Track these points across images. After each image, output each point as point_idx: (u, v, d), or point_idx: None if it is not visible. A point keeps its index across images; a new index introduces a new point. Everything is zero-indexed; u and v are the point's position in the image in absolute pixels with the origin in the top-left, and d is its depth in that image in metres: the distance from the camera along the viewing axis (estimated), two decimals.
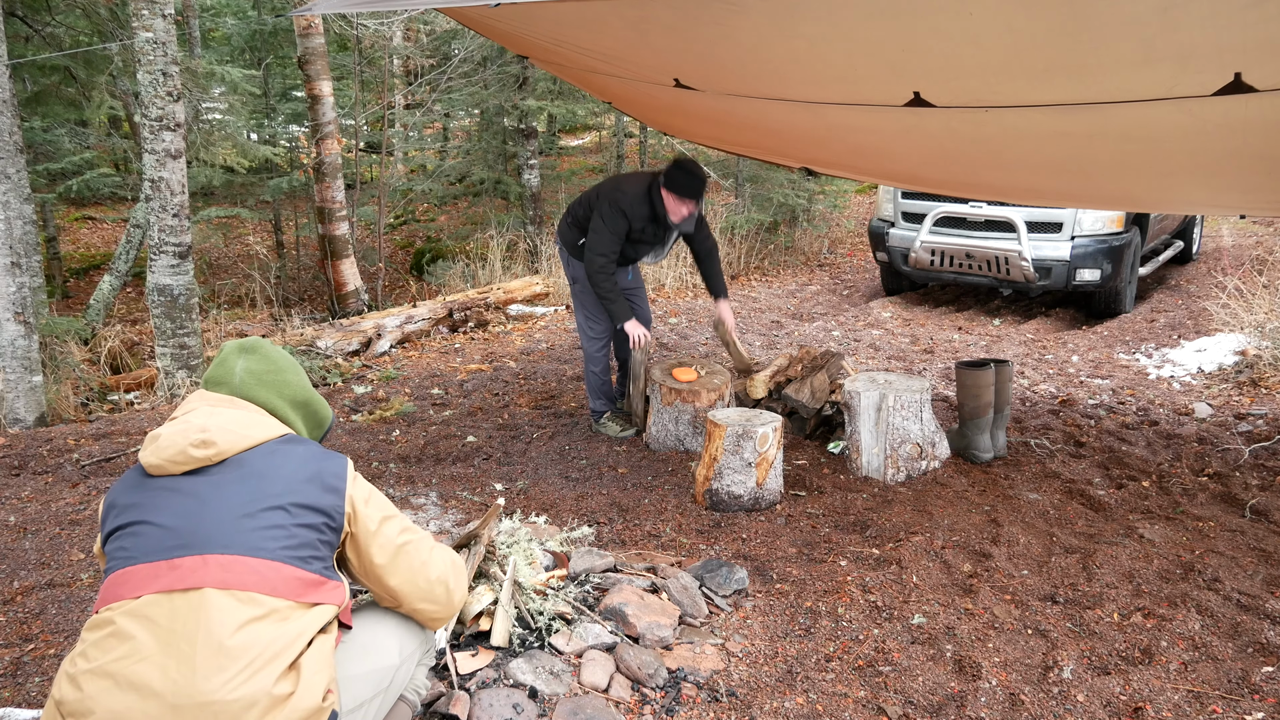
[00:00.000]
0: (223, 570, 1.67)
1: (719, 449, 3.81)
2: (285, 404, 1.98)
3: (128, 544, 1.72)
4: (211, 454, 1.77)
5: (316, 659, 1.70)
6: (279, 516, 1.75)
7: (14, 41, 7.57)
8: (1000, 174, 4.38)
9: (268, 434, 1.86)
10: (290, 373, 2.00)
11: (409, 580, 1.95)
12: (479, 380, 6.03)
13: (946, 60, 3.01)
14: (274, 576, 1.70)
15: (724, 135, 5.15)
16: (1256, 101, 2.77)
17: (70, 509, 3.86)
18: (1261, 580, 3.21)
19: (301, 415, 2.02)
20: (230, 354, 1.97)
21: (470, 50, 10.45)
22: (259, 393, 1.94)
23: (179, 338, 5.78)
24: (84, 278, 10.76)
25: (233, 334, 7.59)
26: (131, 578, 1.68)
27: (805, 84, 3.53)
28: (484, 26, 4.21)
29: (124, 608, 1.65)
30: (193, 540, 1.69)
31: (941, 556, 3.39)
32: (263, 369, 1.96)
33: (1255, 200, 4.07)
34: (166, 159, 5.53)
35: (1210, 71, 2.68)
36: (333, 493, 1.84)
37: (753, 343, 7.03)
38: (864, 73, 3.28)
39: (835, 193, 11.92)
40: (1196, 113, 2.97)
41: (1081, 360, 6.47)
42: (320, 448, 1.92)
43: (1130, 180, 4.06)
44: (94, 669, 1.61)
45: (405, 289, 10.13)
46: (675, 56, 3.63)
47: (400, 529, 1.96)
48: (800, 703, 2.53)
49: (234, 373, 1.94)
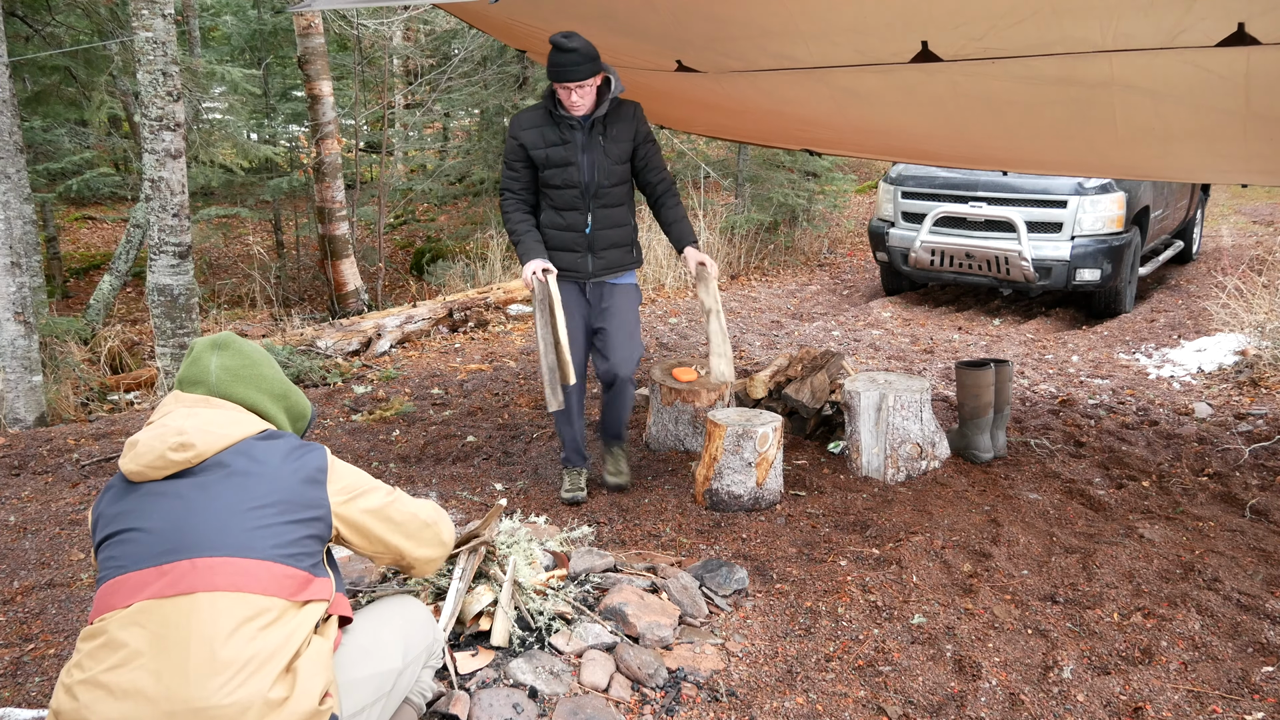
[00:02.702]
0: (212, 573, 1.66)
1: (719, 449, 3.82)
2: (265, 398, 1.96)
3: (117, 553, 1.71)
4: (190, 456, 1.76)
5: (313, 661, 1.70)
6: (267, 515, 1.74)
7: (14, 41, 7.57)
8: (1004, 142, 4.36)
9: (246, 431, 1.85)
10: (266, 366, 1.98)
11: (406, 534, 2.03)
12: (479, 380, 6.03)
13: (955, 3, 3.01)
14: (265, 576, 1.69)
15: (725, 122, 5.14)
16: (1260, 54, 2.77)
17: (70, 509, 3.86)
18: (1261, 580, 3.21)
19: (283, 408, 2.00)
20: (202, 352, 1.94)
21: (470, 50, 10.45)
22: (236, 389, 1.91)
23: (179, 338, 5.78)
24: (84, 278, 10.76)
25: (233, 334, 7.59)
26: (122, 586, 1.67)
27: (814, 38, 3.52)
28: (483, 20, 4.21)
29: (116, 617, 1.65)
30: (181, 544, 1.68)
31: (941, 556, 3.39)
32: (238, 365, 1.93)
33: (1256, 168, 4.07)
34: (166, 159, 5.53)
35: (1214, 19, 2.68)
36: (316, 485, 1.84)
37: (752, 343, 7.03)
38: (873, 21, 3.28)
39: (835, 193, 11.92)
40: (1199, 63, 2.97)
41: (1081, 360, 6.47)
42: (298, 441, 1.90)
43: (1132, 147, 4.05)
44: (88, 679, 1.61)
45: (405, 289, 10.13)
46: (682, 25, 3.62)
47: (384, 492, 2.01)
48: (800, 703, 2.53)
49: (209, 371, 1.90)
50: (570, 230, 3.73)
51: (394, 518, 2.00)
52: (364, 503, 1.94)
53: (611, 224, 3.76)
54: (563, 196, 3.69)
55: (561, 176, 3.64)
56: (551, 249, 3.72)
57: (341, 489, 1.90)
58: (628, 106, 3.70)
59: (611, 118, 3.64)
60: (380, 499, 1.99)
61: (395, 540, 2.01)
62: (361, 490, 1.96)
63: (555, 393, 3.61)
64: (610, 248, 3.78)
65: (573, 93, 3.48)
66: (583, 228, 3.72)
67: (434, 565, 2.14)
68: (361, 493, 1.95)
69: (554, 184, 3.67)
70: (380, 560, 2.05)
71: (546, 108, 3.61)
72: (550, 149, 3.62)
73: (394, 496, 2.04)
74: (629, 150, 3.71)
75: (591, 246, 3.74)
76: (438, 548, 2.12)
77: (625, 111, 3.68)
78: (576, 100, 3.51)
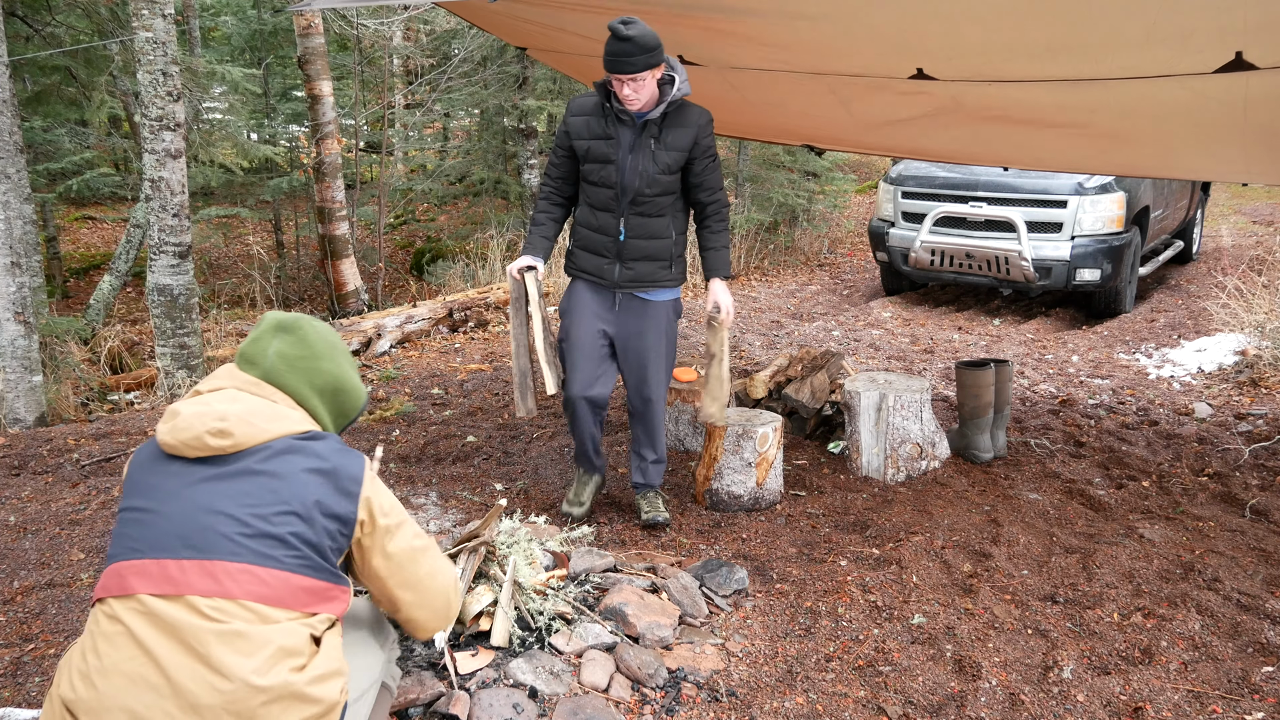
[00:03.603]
0: (230, 579, 1.63)
1: (719, 449, 3.81)
2: (313, 393, 1.88)
3: (134, 532, 1.69)
4: (227, 444, 1.72)
5: (329, 653, 1.70)
6: (291, 522, 1.70)
7: (14, 41, 7.57)
8: (1005, 142, 4.38)
9: (288, 429, 1.79)
10: (325, 359, 1.90)
11: (413, 588, 1.90)
12: (479, 380, 6.03)
13: (948, 39, 3.03)
14: (281, 588, 1.66)
15: (725, 118, 5.13)
16: (1258, 78, 2.78)
17: (70, 509, 3.86)
18: (1261, 580, 3.21)
19: (328, 405, 1.92)
20: (267, 331, 1.87)
21: (470, 50, 10.44)
22: (288, 379, 1.85)
23: (179, 338, 5.78)
24: (84, 278, 10.75)
25: (233, 334, 7.60)
26: (140, 572, 1.65)
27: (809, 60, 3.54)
28: (483, 18, 4.22)
29: (131, 605, 1.63)
30: (202, 543, 1.65)
31: (941, 556, 3.39)
32: (296, 354, 1.86)
33: (1256, 169, 4.08)
34: (166, 159, 5.53)
35: (1211, 50, 2.70)
36: (348, 497, 1.77)
37: (752, 343, 7.03)
38: (867, 52, 3.30)
39: (835, 193, 11.91)
40: (1198, 89, 2.99)
41: (1081, 360, 6.47)
42: (340, 445, 1.83)
43: (1134, 148, 4.07)
44: (107, 667, 1.59)
45: (405, 289, 10.13)
46: (680, 29, 3.63)
47: (413, 534, 1.90)
48: (800, 703, 2.53)
49: (266, 354, 1.84)
50: (601, 233, 3.43)
51: (413, 569, 1.89)
52: (389, 540, 1.85)
53: (648, 234, 3.41)
54: (599, 195, 3.39)
55: (599, 174, 3.35)
56: (580, 249, 3.49)
57: (375, 509, 1.82)
58: (694, 113, 3.33)
59: (671, 121, 3.29)
60: (407, 540, 1.88)
61: (401, 593, 1.90)
62: (392, 522, 1.85)
63: (525, 399, 3.42)
64: (642, 259, 3.43)
65: (625, 85, 3.14)
66: (615, 233, 3.40)
67: (425, 634, 2.01)
68: (391, 526, 1.85)
69: (591, 180, 3.39)
70: (374, 597, 1.94)
71: (601, 98, 3.32)
72: (593, 141, 3.33)
73: (424, 544, 1.92)
74: (682, 160, 3.33)
75: (621, 254, 3.42)
76: (439, 620, 1.99)
77: (689, 117, 3.31)
78: (630, 94, 3.17)
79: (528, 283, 3.34)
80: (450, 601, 1.99)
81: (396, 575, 1.87)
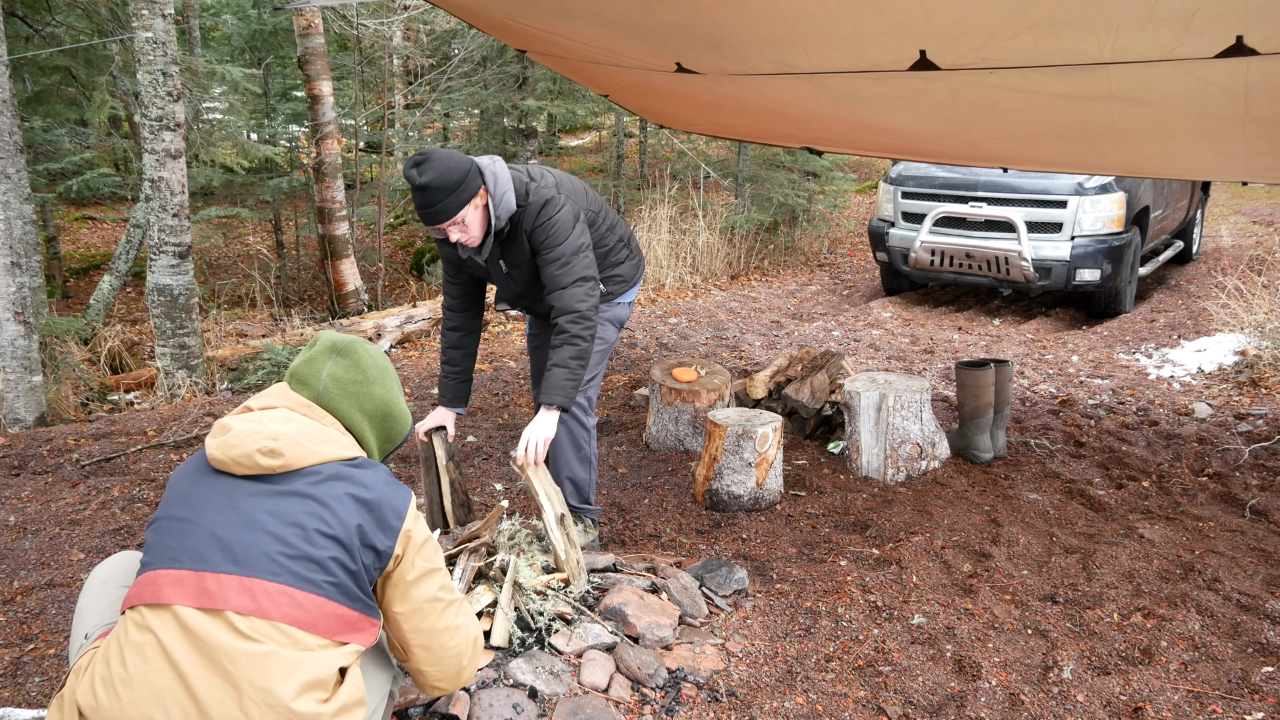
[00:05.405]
0: (268, 599, 1.62)
1: (719, 449, 3.81)
2: (363, 418, 1.89)
3: (173, 541, 1.68)
4: (277, 464, 1.71)
5: (352, 682, 1.70)
6: (332, 547, 1.68)
7: (14, 41, 7.57)
8: (1004, 142, 4.37)
9: (337, 453, 1.78)
10: (377, 384, 1.90)
11: (425, 639, 1.86)
12: (479, 380, 6.03)
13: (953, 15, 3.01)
14: (316, 613, 1.65)
15: (725, 121, 5.12)
16: (1258, 64, 2.77)
17: (70, 509, 3.86)
18: (1261, 580, 3.21)
19: (376, 430, 1.92)
20: (321, 352, 1.88)
21: (470, 50, 10.44)
22: (340, 404, 1.86)
23: (179, 338, 5.78)
24: (84, 278, 10.75)
25: (233, 334, 7.60)
26: (176, 582, 1.63)
27: (813, 45, 3.53)
28: (482, 19, 4.21)
29: (164, 616, 1.61)
30: (244, 558, 1.64)
31: (941, 556, 3.39)
32: (349, 378, 1.87)
33: (1256, 165, 4.07)
34: (166, 159, 5.53)
35: (1212, 33, 2.69)
36: (388, 531, 1.76)
37: (752, 343, 7.03)
38: (871, 30, 3.28)
39: (835, 193, 11.91)
40: (1198, 75, 2.98)
41: (1081, 360, 6.47)
42: (388, 476, 1.82)
43: (1133, 148, 4.06)
44: (133, 677, 1.57)
45: (405, 289, 10.13)
46: (680, 29, 3.62)
47: (439, 585, 1.86)
48: (800, 703, 2.53)
49: (320, 377, 1.85)
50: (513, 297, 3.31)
51: (432, 620, 1.85)
52: (415, 586, 1.81)
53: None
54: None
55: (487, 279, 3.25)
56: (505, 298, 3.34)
57: (411, 548, 1.80)
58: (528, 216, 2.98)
59: (510, 238, 3.02)
60: (431, 590, 1.84)
61: (415, 640, 1.86)
62: (424, 568, 1.82)
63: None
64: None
65: (449, 231, 2.85)
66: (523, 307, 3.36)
67: (432, 691, 1.97)
68: (421, 571, 1.82)
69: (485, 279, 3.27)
70: (389, 640, 1.90)
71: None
72: (466, 258, 3.12)
73: (450, 598, 1.89)
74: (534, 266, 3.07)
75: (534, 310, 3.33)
76: (448, 682, 1.94)
77: (522, 224, 2.99)
78: (459, 237, 2.89)
79: (435, 445, 3.07)
80: (463, 665, 1.93)
81: (412, 621, 1.84)
